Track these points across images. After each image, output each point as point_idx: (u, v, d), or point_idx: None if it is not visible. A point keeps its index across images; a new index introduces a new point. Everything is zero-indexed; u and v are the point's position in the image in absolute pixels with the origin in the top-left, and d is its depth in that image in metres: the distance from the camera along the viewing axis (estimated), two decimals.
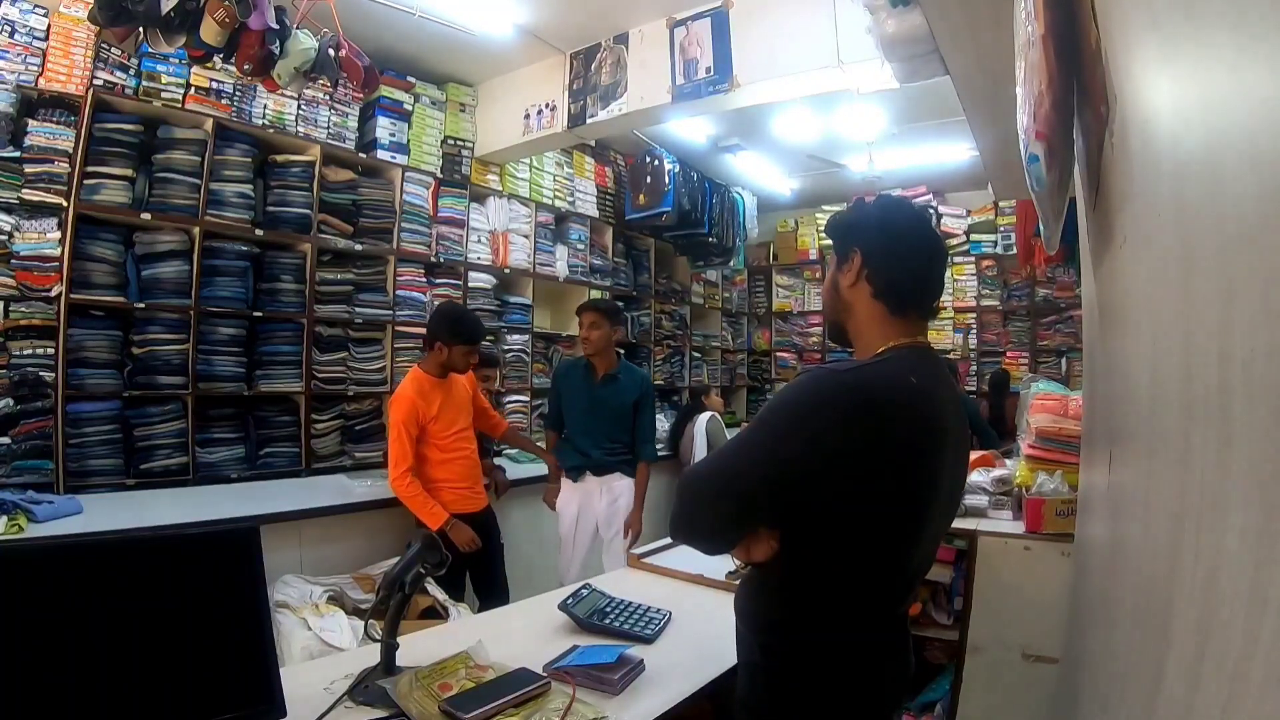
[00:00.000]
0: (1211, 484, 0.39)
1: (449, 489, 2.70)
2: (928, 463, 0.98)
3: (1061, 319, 5.50)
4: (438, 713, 1.05)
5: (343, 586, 2.45)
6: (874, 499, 0.95)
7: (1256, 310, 0.34)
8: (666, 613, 1.61)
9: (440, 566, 1.30)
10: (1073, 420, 2.16)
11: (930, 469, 0.99)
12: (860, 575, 1.01)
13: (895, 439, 0.94)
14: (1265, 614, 0.30)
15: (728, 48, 3.07)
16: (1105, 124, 0.77)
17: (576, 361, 3.19)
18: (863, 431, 0.93)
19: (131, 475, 2.93)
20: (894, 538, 1.00)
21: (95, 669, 0.87)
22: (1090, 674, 0.75)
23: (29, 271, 2.71)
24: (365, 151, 3.78)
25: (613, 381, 3.01)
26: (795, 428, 0.95)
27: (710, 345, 6.58)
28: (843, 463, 0.93)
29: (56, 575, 0.89)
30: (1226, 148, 0.39)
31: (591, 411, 3.01)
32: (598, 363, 3.02)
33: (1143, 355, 0.65)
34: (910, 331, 1.07)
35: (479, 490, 2.84)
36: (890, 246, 1.09)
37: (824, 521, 0.97)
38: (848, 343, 1.14)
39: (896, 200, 1.18)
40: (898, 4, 2.15)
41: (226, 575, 1.01)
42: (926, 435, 0.98)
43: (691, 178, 5.08)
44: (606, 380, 3.01)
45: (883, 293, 1.08)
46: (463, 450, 2.77)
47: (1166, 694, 0.44)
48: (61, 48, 2.80)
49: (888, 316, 1.07)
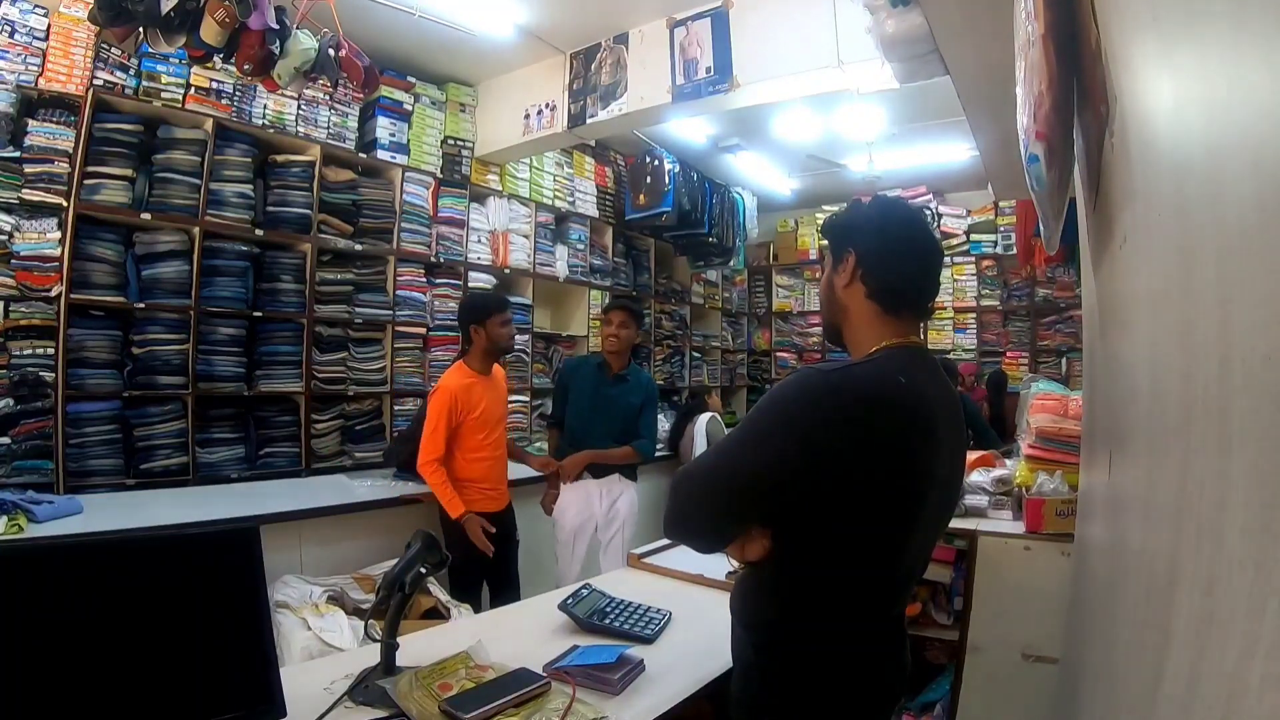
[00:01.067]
0: (1211, 484, 0.39)
1: (474, 488, 2.69)
2: (919, 461, 0.98)
3: (1061, 319, 5.50)
4: (438, 713, 1.05)
5: (343, 586, 2.45)
6: (864, 497, 0.96)
7: (1256, 310, 0.34)
8: (666, 613, 1.61)
9: (440, 566, 1.30)
10: (1073, 420, 2.16)
11: (921, 467, 0.99)
12: (853, 574, 1.01)
13: (883, 437, 0.95)
14: (1265, 614, 0.30)
15: (728, 48, 3.07)
16: (1105, 124, 0.77)
17: (587, 359, 3.21)
18: (850, 430, 0.93)
19: (131, 475, 2.93)
20: (885, 536, 1.00)
21: (95, 669, 0.87)
22: (1090, 674, 0.75)
23: (29, 271, 2.71)
24: (365, 151, 3.78)
25: (622, 381, 3.03)
26: (784, 427, 0.95)
27: (710, 345, 6.58)
28: (832, 461, 0.93)
29: (56, 575, 0.89)
30: (1226, 148, 0.39)
31: (597, 409, 3.00)
32: (614, 361, 3.03)
33: (1143, 355, 0.65)
34: (903, 331, 1.07)
35: (503, 489, 2.85)
36: (884, 247, 1.09)
37: (815, 520, 0.98)
38: (843, 344, 1.15)
39: (892, 201, 1.18)
40: (898, 4, 2.15)
41: (226, 575, 1.01)
42: (916, 433, 0.98)
43: (691, 178, 5.07)
44: (617, 379, 3.02)
45: (876, 293, 1.08)
46: (494, 452, 2.77)
47: (1166, 693, 0.44)
48: (61, 48, 2.80)
49: (881, 316, 1.07)
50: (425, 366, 4.04)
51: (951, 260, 5.96)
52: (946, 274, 5.98)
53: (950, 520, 1.20)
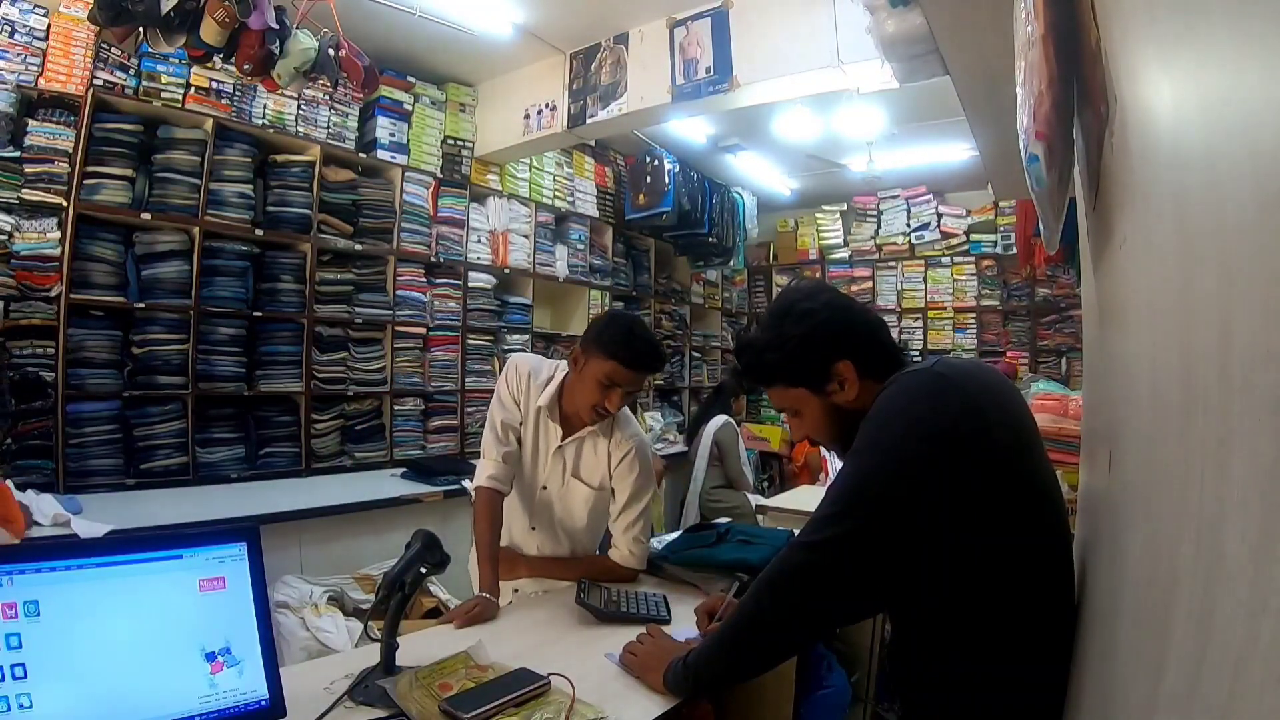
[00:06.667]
0: (1211, 483, 0.39)
1: None
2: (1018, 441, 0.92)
3: (1061, 319, 5.50)
4: (438, 713, 1.05)
5: (343, 586, 2.46)
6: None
7: (1257, 310, 0.34)
8: (661, 595, 1.62)
9: (441, 566, 1.30)
10: (1073, 420, 2.16)
11: (1022, 450, 0.92)
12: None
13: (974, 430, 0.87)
14: (1265, 614, 0.30)
15: (728, 48, 3.07)
16: (1105, 124, 0.77)
17: None
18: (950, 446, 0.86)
19: (131, 475, 2.93)
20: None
21: (95, 669, 0.86)
22: (1090, 673, 0.75)
23: (29, 271, 2.71)
24: (365, 151, 3.78)
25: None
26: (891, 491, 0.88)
27: (710, 345, 6.58)
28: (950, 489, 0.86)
29: (56, 575, 0.88)
30: (1226, 147, 0.39)
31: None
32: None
33: (1142, 355, 0.65)
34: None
35: None
36: (854, 322, 1.04)
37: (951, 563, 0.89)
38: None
39: (800, 289, 1.11)
40: (898, 4, 2.15)
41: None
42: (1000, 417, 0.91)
43: (691, 178, 5.08)
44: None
45: (868, 369, 1.02)
46: None
47: (1166, 693, 0.44)
48: (61, 48, 2.80)
49: (873, 385, 1.00)
50: (425, 367, 4.05)
51: (952, 260, 5.96)
52: (946, 274, 5.99)
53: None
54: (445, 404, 4.16)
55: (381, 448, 3.82)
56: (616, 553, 1.74)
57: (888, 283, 6.20)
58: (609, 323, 1.63)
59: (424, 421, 4.07)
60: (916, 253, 6.09)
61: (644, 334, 1.59)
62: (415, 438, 4.00)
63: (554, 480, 1.72)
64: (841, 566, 0.91)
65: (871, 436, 0.92)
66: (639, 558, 1.75)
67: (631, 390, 1.59)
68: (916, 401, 0.91)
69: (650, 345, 1.58)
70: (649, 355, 1.57)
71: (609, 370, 1.54)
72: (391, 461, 3.80)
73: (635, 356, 1.54)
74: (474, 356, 4.30)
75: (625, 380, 1.55)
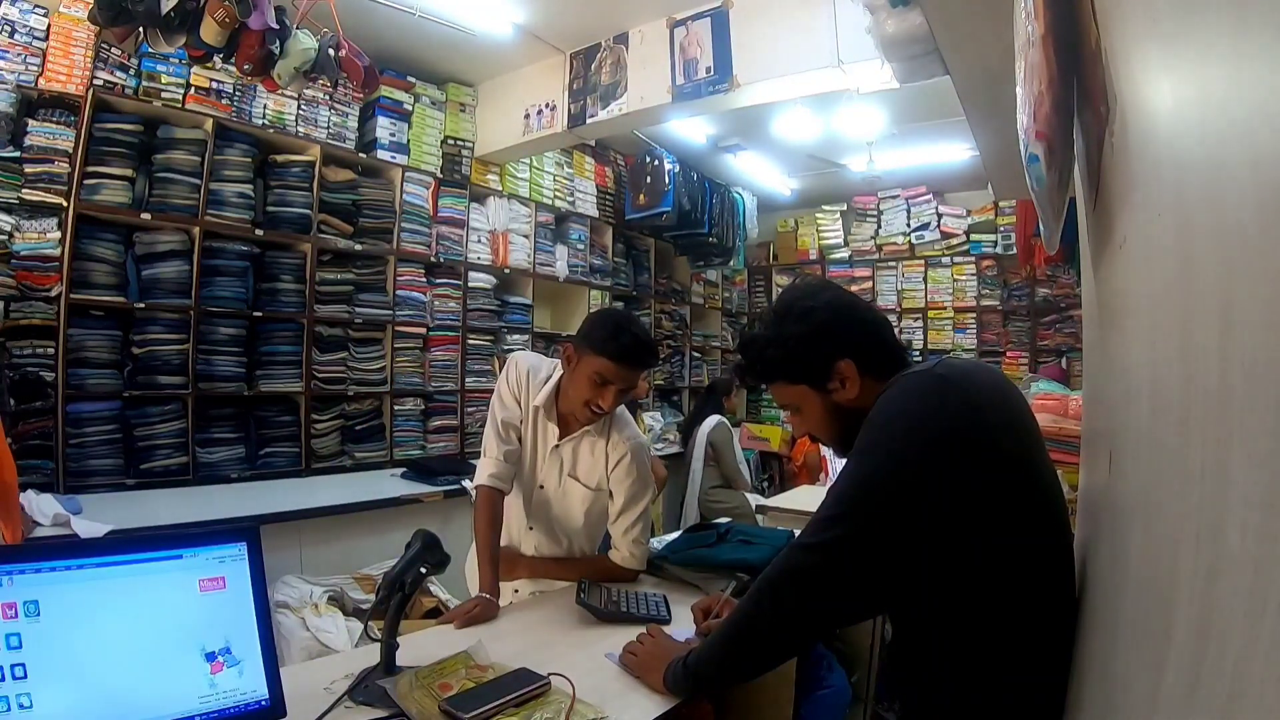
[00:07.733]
0: (1211, 483, 0.39)
1: None
2: (1021, 442, 0.92)
3: (1061, 319, 5.50)
4: (438, 713, 1.05)
5: (343, 586, 2.46)
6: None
7: (1257, 310, 0.34)
8: (661, 595, 1.62)
9: (441, 566, 1.30)
10: (1073, 420, 2.16)
11: (1025, 449, 0.93)
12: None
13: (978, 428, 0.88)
14: (1265, 614, 0.30)
15: (728, 48, 3.07)
16: (1105, 124, 0.77)
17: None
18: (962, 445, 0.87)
19: (131, 475, 2.93)
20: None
21: (95, 669, 0.86)
22: (1090, 674, 0.75)
23: (29, 271, 2.71)
24: (365, 151, 3.78)
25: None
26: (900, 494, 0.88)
27: (710, 345, 6.58)
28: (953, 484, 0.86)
29: (56, 575, 0.88)
30: (1226, 147, 0.39)
31: None
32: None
33: (1143, 355, 0.65)
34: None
35: None
36: (855, 321, 1.04)
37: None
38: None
39: (803, 287, 1.11)
40: (898, 4, 2.15)
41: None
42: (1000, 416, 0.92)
43: (691, 178, 5.08)
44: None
45: (870, 368, 1.02)
46: None
47: (1167, 694, 0.44)
48: (61, 48, 2.80)
49: (875, 384, 1.01)
50: (425, 367, 4.05)
51: (952, 260, 5.96)
52: (946, 274, 5.99)
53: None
54: (445, 404, 4.16)
55: (381, 448, 3.82)
56: (616, 554, 1.74)
57: (888, 283, 6.19)
58: (599, 319, 1.61)
59: (424, 421, 4.07)
60: (916, 253, 6.09)
61: (634, 329, 1.56)
62: (415, 438, 4.01)
63: (551, 480, 1.71)
64: (842, 568, 0.91)
65: (873, 438, 0.92)
66: (639, 559, 1.75)
67: (625, 388, 1.56)
68: (918, 403, 0.91)
69: (640, 340, 1.54)
70: (639, 350, 1.53)
71: (599, 367, 1.51)
72: (391, 461, 3.80)
73: (625, 352, 1.51)
74: (474, 356, 4.30)
75: (617, 377, 1.52)
